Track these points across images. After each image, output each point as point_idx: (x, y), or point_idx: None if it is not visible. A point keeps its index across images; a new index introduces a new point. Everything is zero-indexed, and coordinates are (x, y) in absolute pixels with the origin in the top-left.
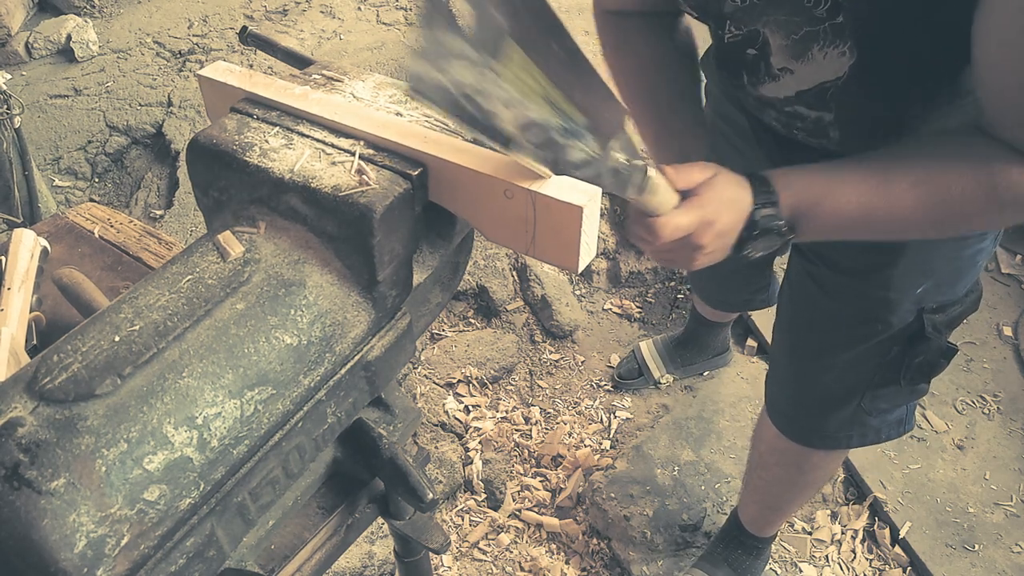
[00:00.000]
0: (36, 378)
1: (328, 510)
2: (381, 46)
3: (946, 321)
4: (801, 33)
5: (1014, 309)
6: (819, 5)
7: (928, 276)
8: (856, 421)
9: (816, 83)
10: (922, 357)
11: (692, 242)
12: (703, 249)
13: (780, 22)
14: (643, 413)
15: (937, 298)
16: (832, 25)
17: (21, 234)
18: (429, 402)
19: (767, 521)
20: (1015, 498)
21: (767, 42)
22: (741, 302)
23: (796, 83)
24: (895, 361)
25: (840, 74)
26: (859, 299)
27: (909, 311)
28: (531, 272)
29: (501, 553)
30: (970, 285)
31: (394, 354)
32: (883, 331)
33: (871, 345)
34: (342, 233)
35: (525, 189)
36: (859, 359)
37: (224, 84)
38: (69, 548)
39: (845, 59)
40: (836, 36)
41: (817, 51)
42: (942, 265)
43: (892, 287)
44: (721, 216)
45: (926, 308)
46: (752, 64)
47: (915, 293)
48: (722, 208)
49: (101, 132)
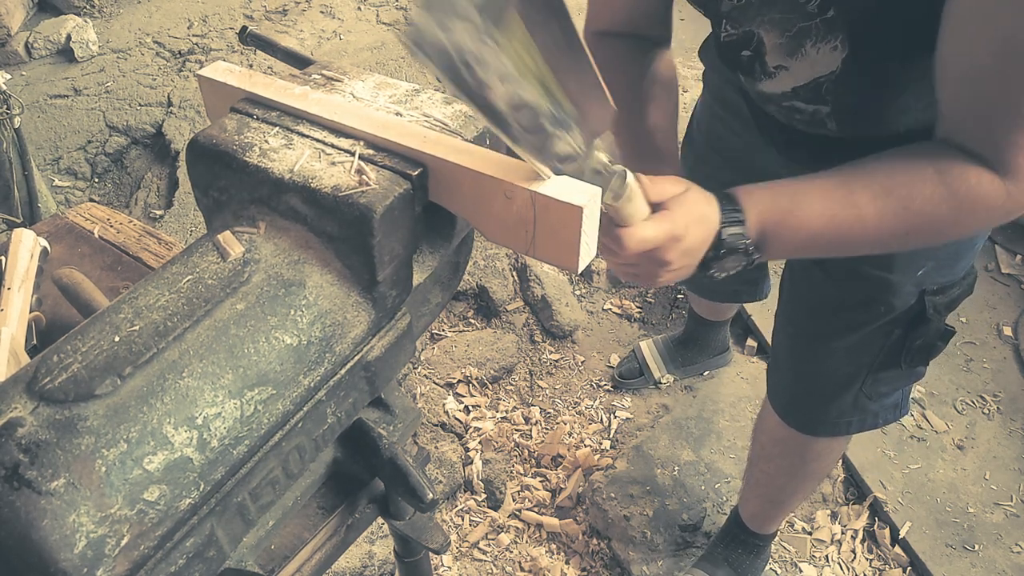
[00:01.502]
0: (36, 378)
1: (328, 510)
2: (381, 46)
3: (945, 303)
4: (794, 30)
5: (1014, 309)
6: (810, 1)
7: (929, 257)
8: (857, 406)
9: (811, 78)
10: (922, 339)
11: (658, 257)
12: (668, 266)
13: (775, 20)
14: (643, 413)
15: (937, 279)
16: (823, 20)
17: (21, 234)
18: (429, 402)
19: (768, 516)
20: (1015, 498)
21: (762, 42)
22: (731, 292)
23: (792, 79)
24: (896, 344)
25: (834, 68)
26: (861, 282)
27: (911, 293)
28: (531, 272)
29: (501, 553)
30: (967, 267)
31: (394, 354)
32: (886, 313)
33: (873, 328)
34: (342, 233)
35: (525, 189)
36: (861, 343)
37: (224, 84)
38: (69, 548)
39: (838, 53)
40: (828, 31)
41: (810, 47)
42: (942, 246)
43: (894, 269)
44: (689, 232)
45: (927, 290)
46: (748, 64)
47: (916, 275)
48: (691, 224)
49: (101, 132)
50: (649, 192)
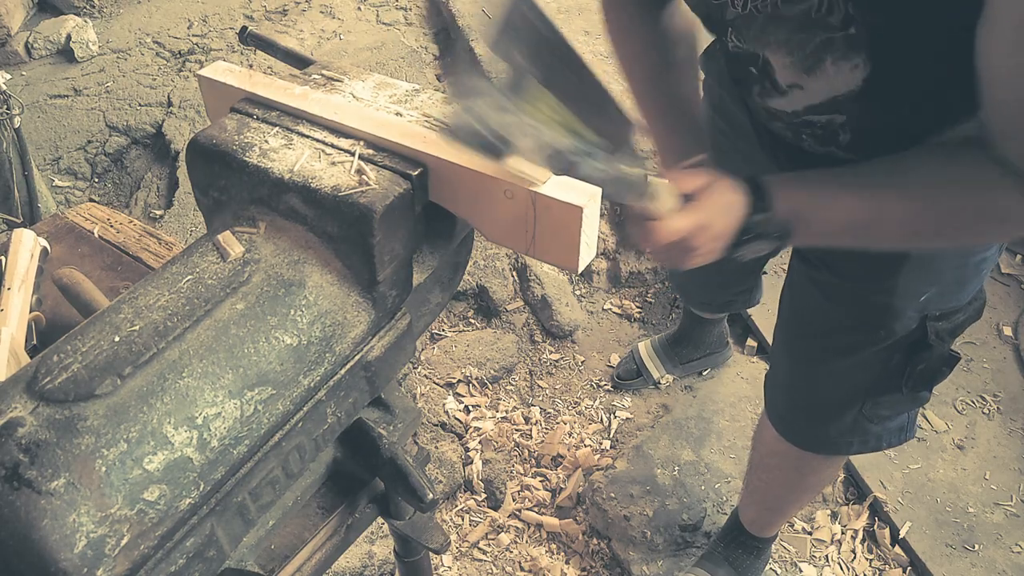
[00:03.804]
0: (36, 378)
1: (328, 510)
2: (381, 46)
3: (949, 329)
4: (811, 46)
5: (1014, 309)
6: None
7: (932, 283)
8: (857, 428)
9: (828, 96)
10: (924, 365)
11: (686, 244)
12: (696, 251)
13: (780, 41)
14: (643, 413)
15: (941, 306)
16: (845, 36)
17: (21, 234)
18: (429, 402)
19: (767, 522)
20: (1015, 498)
21: (768, 63)
22: (724, 303)
23: (806, 98)
24: (897, 368)
25: (853, 87)
26: (862, 305)
27: (912, 318)
28: (531, 272)
29: (501, 553)
30: (974, 293)
31: (394, 354)
32: (885, 338)
33: (872, 352)
34: (342, 233)
35: (525, 189)
36: (860, 366)
37: (224, 84)
38: (69, 548)
39: (859, 72)
40: (849, 48)
41: (830, 64)
42: (947, 273)
43: (896, 294)
44: (716, 221)
45: (929, 316)
46: (758, 79)
47: (919, 300)
48: (718, 213)
49: (101, 132)
50: (680, 184)
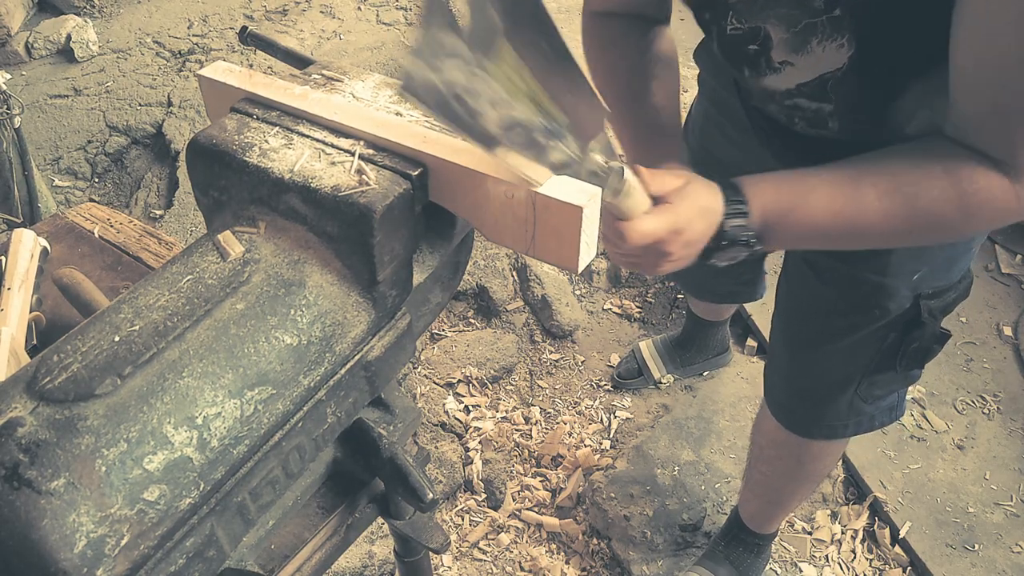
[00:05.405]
0: (36, 378)
1: (328, 510)
2: (381, 46)
3: (940, 307)
4: (800, 26)
5: (1014, 309)
6: None
7: (924, 262)
8: (852, 409)
9: (816, 75)
10: (918, 343)
11: (659, 249)
12: (669, 256)
13: (781, 15)
14: (643, 413)
15: (933, 284)
16: (830, 18)
17: (21, 234)
18: (429, 402)
19: (768, 516)
20: (1015, 498)
21: (769, 37)
22: (726, 293)
23: (797, 75)
24: (892, 347)
25: (839, 65)
26: (856, 286)
27: (906, 297)
28: (531, 272)
29: (501, 553)
30: (963, 272)
31: (394, 354)
32: (880, 317)
33: (868, 332)
34: (342, 233)
35: (525, 189)
36: (856, 346)
37: (224, 84)
38: (69, 548)
39: (844, 51)
40: (834, 29)
41: (816, 44)
42: (938, 251)
43: (889, 273)
44: (692, 225)
45: (922, 294)
46: (753, 58)
47: (912, 279)
48: (693, 217)
49: (101, 132)
50: (650, 185)
